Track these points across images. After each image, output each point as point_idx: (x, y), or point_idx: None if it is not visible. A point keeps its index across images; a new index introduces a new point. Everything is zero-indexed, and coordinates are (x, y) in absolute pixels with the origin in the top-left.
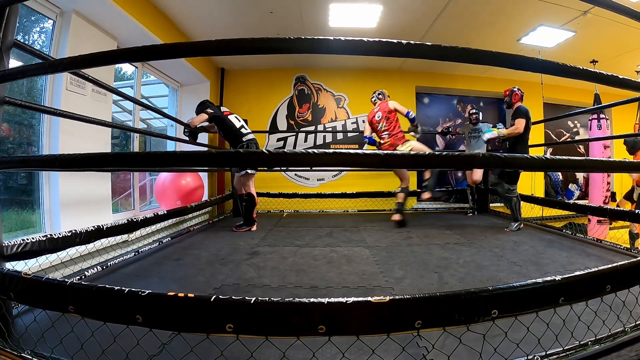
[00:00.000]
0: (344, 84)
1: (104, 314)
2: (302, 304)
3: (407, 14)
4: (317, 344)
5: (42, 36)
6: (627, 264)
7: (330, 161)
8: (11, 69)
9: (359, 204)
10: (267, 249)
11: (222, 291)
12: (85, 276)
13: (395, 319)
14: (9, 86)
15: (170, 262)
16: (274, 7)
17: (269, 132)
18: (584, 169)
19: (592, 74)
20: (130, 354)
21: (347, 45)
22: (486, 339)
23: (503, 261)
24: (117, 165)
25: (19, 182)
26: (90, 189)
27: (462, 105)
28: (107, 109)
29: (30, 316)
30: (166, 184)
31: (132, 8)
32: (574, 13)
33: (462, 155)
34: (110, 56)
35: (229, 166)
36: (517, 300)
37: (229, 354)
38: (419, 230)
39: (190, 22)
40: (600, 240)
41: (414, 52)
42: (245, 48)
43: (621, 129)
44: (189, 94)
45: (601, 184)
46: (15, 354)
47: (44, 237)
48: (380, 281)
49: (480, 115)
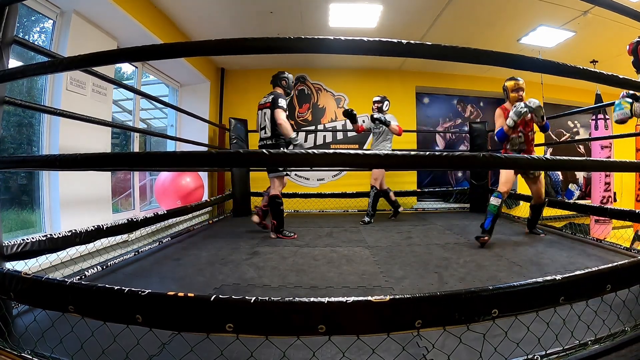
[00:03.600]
0: (344, 84)
1: (104, 313)
2: (302, 303)
3: (407, 14)
4: (317, 343)
5: (42, 36)
6: (627, 263)
7: (330, 161)
8: (11, 68)
9: (359, 204)
10: (267, 249)
11: (222, 291)
12: (85, 276)
13: (395, 318)
14: (9, 86)
15: (170, 262)
16: (274, 7)
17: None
18: (584, 169)
19: (592, 74)
20: (130, 353)
21: (347, 45)
22: (486, 339)
23: (503, 261)
24: (117, 165)
25: (19, 182)
26: (90, 189)
27: (462, 105)
28: (107, 109)
29: (30, 316)
30: (166, 184)
31: (132, 8)
32: (574, 13)
33: (462, 155)
34: (110, 56)
35: (229, 166)
36: (517, 299)
37: (229, 353)
38: (419, 230)
39: (190, 22)
40: (600, 240)
41: (414, 52)
42: (245, 48)
43: (622, 129)
44: (189, 94)
45: (598, 184)
46: (15, 354)
47: (44, 237)
48: (380, 281)
49: (385, 105)
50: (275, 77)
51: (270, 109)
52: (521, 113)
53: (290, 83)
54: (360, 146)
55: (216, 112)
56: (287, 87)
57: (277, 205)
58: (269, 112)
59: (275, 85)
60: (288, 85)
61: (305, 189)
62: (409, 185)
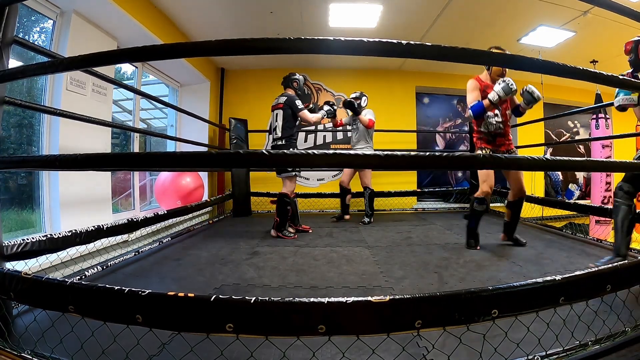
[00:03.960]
0: (344, 84)
1: (104, 313)
2: (302, 303)
3: (407, 14)
4: (317, 343)
5: (42, 36)
6: (627, 264)
7: (330, 161)
8: (11, 68)
9: (359, 204)
10: (267, 249)
11: (222, 291)
12: (85, 276)
13: (395, 318)
14: (9, 86)
15: (170, 262)
16: (274, 7)
17: (269, 132)
18: (584, 169)
19: (592, 74)
20: (130, 353)
21: (347, 46)
22: (486, 339)
23: (503, 261)
24: (117, 165)
25: (19, 182)
26: (90, 189)
27: (462, 105)
28: (107, 109)
29: (30, 316)
30: (166, 184)
31: (132, 8)
32: (574, 13)
33: (462, 155)
34: (110, 56)
35: (229, 166)
36: (517, 300)
37: (229, 353)
38: (419, 230)
39: (190, 22)
40: (600, 240)
41: (414, 52)
42: (245, 48)
43: (622, 129)
44: (189, 94)
45: (599, 184)
46: (15, 354)
47: (44, 237)
48: (380, 281)
49: (363, 100)
50: (287, 79)
51: (282, 110)
52: (511, 91)
53: (301, 85)
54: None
55: (216, 112)
56: (299, 88)
57: (283, 204)
58: (282, 113)
59: (286, 87)
60: (299, 86)
61: (305, 189)
62: (409, 185)
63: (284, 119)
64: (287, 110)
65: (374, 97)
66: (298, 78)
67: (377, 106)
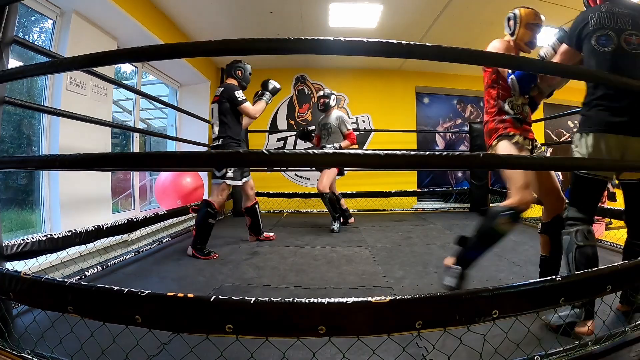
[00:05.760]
0: (344, 84)
1: (104, 314)
2: (302, 304)
3: (408, 14)
4: (317, 344)
5: (42, 36)
6: (627, 264)
7: (330, 161)
8: (11, 68)
9: (359, 204)
10: (267, 249)
11: (222, 291)
12: (85, 276)
13: (395, 319)
14: (9, 86)
15: (170, 262)
16: (274, 7)
17: (269, 132)
18: (584, 169)
19: (592, 74)
20: (130, 354)
21: (347, 46)
22: (486, 339)
23: (503, 261)
24: (117, 166)
25: (19, 182)
26: (90, 189)
27: (462, 105)
28: (107, 109)
29: (30, 316)
30: (166, 184)
31: (132, 8)
32: (574, 13)
33: (462, 155)
34: (111, 56)
35: (229, 166)
36: (518, 300)
37: (229, 354)
38: (419, 230)
39: (190, 22)
40: (600, 240)
41: (414, 53)
42: (245, 48)
43: None
44: (189, 94)
45: None
46: (15, 354)
47: (44, 237)
48: (380, 281)
49: (332, 99)
50: (230, 67)
51: (218, 104)
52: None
53: (246, 74)
54: (361, 146)
55: None
56: (243, 78)
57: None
58: (217, 107)
59: (228, 76)
60: (244, 76)
61: (305, 189)
62: (409, 185)
63: (220, 114)
64: (224, 103)
65: (374, 97)
66: (244, 67)
67: (377, 106)
